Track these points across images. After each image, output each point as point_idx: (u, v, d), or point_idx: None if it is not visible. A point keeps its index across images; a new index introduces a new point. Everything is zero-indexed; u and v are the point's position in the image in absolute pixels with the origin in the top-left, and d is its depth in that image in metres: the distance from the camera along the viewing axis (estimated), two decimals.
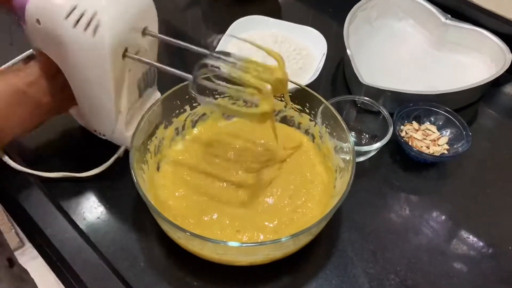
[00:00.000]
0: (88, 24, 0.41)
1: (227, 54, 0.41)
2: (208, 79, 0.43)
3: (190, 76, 0.42)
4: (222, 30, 0.69)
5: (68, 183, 0.53)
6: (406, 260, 0.48)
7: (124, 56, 0.44)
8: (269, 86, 0.40)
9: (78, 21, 0.41)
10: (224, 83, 0.42)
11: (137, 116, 0.51)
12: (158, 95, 0.54)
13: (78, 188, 0.53)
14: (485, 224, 0.53)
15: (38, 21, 0.42)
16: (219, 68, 0.40)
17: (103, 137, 0.52)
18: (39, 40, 0.45)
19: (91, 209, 0.51)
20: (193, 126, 0.56)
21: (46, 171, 0.52)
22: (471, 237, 0.51)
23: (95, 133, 0.53)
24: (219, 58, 0.41)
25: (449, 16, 0.71)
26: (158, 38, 0.47)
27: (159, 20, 0.73)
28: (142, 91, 0.51)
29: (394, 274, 0.47)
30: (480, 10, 0.71)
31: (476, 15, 0.71)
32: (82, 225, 0.49)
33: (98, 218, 0.50)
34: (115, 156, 0.53)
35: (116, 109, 0.48)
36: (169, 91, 0.50)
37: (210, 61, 0.41)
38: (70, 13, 0.41)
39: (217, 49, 0.65)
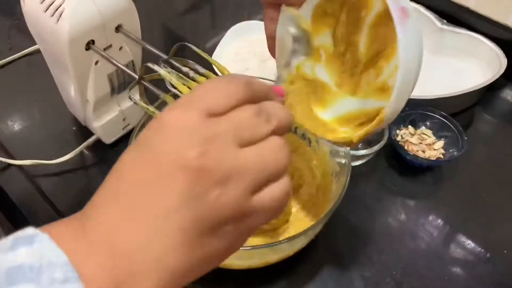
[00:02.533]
0: (55, 11, 0.43)
1: (185, 61, 0.42)
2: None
3: (135, 75, 0.43)
4: (221, 35, 0.70)
5: (68, 188, 0.53)
6: (402, 264, 0.49)
7: (88, 47, 0.46)
8: None
9: (49, 6, 0.44)
10: (162, 92, 0.42)
11: (111, 112, 0.54)
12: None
13: (76, 193, 0.53)
14: (481, 228, 0.53)
15: (23, 1, 0.46)
16: (157, 72, 0.40)
17: (84, 124, 0.56)
18: (27, 21, 0.48)
19: None
20: None
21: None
22: (467, 241, 0.52)
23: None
24: (169, 64, 0.41)
25: (445, 21, 0.71)
26: (129, 37, 0.48)
27: (158, 25, 0.74)
28: (116, 87, 0.52)
29: (390, 277, 0.47)
30: (476, 15, 0.72)
31: (472, 20, 0.71)
32: None
33: None
34: (84, 144, 0.56)
35: (81, 97, 0.50)
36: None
37: (152, 66, 0.40)
38: None
39: (214, 54, 0.66)
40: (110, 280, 0.22)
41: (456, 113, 0.64)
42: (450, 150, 0.57)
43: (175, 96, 0.41)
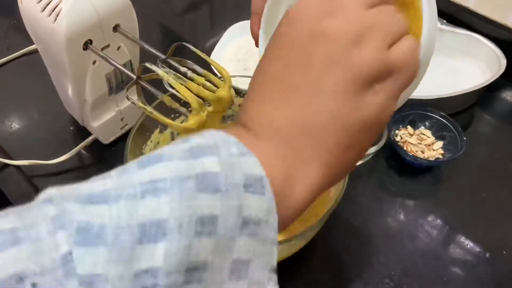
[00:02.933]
0: (52, 11, 0.43)
1: (183, 61, 0.41)
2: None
3: (132, 75, 0.43)
4: (220, 35, 0.69)
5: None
6: (401, 265, 0.48)
7: (86, 47, 0.45)
8: (194, 103, 0.39)
9: (46, 6, 0.43)
10: (159, 92, 0.41)
11: (109, 112, 0.54)
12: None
13: None
14: (480, 228, 0.53)
15: (21, 1, 0.46)
16: (155, 72, 0.40)
17: (82, 124, 0.56)
18: (24, 21, 0.48)
19: None
20: None
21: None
22: (466, 241, 0.51)
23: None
24: (167, 63, 0.41)
25: (445, 21, 0.71)
26: (127, 37, 0.48)
27: (156, 24, 0.73)
28: (114, 87, 0.52)
29: (388, 278, 0.47)
30: (476, 15, 0.72)
31: (471, 20, 0.71)
32: None
33: None
34: (82, 144, 0.55)
35: (79, 97, 0.50)
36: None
37: (150, 66, 0.40)
38: None
39: (213, 54, 0.66)
40: (280, 160, 0.24)
41: (455, 113, 0.64)
42: (449, 151, 0.57)
43: (173, 96, 0.41)
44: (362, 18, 0.25)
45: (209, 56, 0.43)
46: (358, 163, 0.54)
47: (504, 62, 0.65)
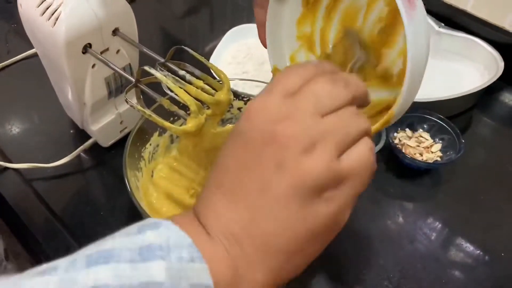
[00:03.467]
0: (52, 15, 0.43)
1: (182, 64, 0.41)
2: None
3: (131, 78, 0.43)
4: (219, 38, 0.70)
5: (65, 191, 0.53)
6: (400, 267, 0.49)
7: (85, 51, 0.46)
8: (193, 106, 0.39)
9: (45, 10, 0.44)
10: (158, 95, 0.42)
11: (109, 115, 0.54)
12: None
13: (73, 197, 0.53)
14: (478, 230, 0.53)
15: (20, 5, 0.47)
16: (154, 75, 0.40)
17: (81, 127, 0.56)
18: (24, 25, 0.48)
19: (86, 217, 0.51)
20: None
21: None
22: (465, 243, 0.51)
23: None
24: (166, 67, 0.41)
25: (443, 24, 0.71)
26: (127, 40, 0.48)
27: (156, 28, 0.73)
28: (113, 90, 0.52)
29: (387, 280, 0.47)
30: (473, 18, 0.72)
31: (469, 23, 0.72)
32: (78, 233, 0.49)
33: (94, 227, 0.50)
34: (82, 147, 0.55)
35: (78, 100, 0.50)
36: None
37: (149, 69, 0.40)
38: (42, 2, 0.44)
39: (212, 57, 0.66)
40: (229, 262, 0.24)
41: (454, 116, 0.64)
42: (448, 153, 0.57)
43: (172, 99, 0.41)
44: (316, 126, 0.24)
45: (208, 60, 0.43)
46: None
47: (502, 64, 0.65)
